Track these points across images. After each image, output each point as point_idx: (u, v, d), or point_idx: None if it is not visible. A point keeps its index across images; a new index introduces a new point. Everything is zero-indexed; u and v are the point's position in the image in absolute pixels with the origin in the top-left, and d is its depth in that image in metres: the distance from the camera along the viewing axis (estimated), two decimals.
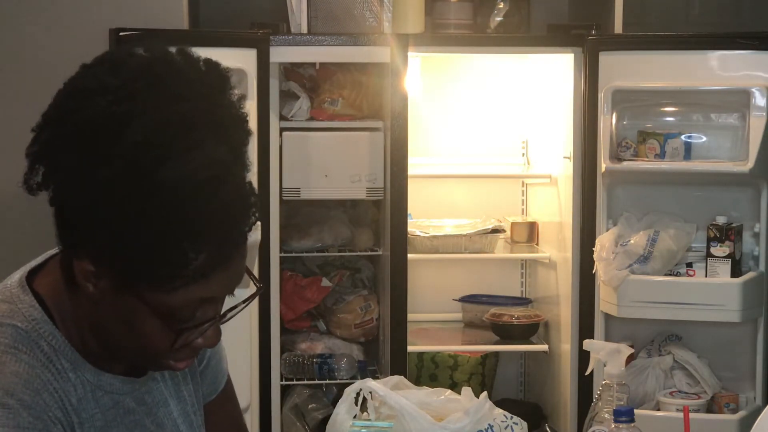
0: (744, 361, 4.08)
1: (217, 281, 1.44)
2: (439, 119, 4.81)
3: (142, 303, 1.42)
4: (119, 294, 1.44)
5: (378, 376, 4.26)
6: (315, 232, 4.42)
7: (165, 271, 1.40)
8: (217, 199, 1.39)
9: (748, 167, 3.87)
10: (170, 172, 1.37)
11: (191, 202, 1.37)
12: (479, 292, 4.85)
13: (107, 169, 1.37)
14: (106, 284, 1.44)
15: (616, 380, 2.17)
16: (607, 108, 4.02)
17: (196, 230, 1.39)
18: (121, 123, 1.38)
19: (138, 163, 1.37)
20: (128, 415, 1.58)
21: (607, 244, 4.01)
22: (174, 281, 1.41)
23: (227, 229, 1.42)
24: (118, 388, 1.56)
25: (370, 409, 2.20)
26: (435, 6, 4.36)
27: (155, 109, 1.39)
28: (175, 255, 1.39)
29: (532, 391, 4.87)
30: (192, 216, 1.38)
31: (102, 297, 1.45)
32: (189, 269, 1.40)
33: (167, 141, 1.38)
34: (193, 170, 1.37)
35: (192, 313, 1.46)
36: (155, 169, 1.36)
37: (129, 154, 1.37)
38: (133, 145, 1.37)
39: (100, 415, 1.53)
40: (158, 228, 1.38)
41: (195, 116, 1.41)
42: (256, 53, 3.97)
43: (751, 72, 3.98)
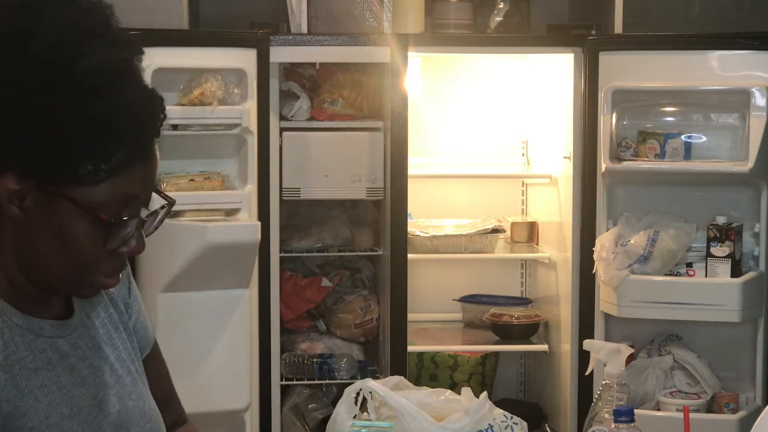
0: (744, 361, 4.08)
1: (138, 176, 1.53)
2: (439, 119, 4.81)
3: (71, 203, 1.49)
4: (47, 205, 1.50)
5: (378, 376, 4.26)
6: (315, 232, 4.42)
7: (89, 164, 1.48)
8: (127, 90, 1.51)
9: (748, 167, 3.87)
10: (82, 67, 1.47)
11: (106, 92, 1.48)
12: (479, 292, 4.85)
13: (22, 73, 1.46)
14: (32, 201, 1.50)
15: (616, 380, 2.17)
16: (607, 108, 4.02)
17: (114, 120, 1.48)
18: (30, 30, 1.48)
19: (51, 62, 1.46)
20: (64, 358, 1.60)
21: (607, 244, 4.01)
22: (98, 173, 1.49)
23: (142, 120, 1.53)
24: (49, 332, 1.59)
25: (370, 409, 2.20)
26: (435, 6, 4.36)
27: (61, 16, 1.50)
28: (97, 146, 1.48)
29: (532, 391, 4.87)
30: (108, 106, 1.48)
31: (29, 217, 1.50)
32: (112, 160, 1.49)
33: (74, 43, 1.48)
34: (103, 63, 1.49)
35: (118, 211, 1.53)
36: (68, 66, 1.46)
37: (41, 55, 1.46)
38: (44, 47, 1.46)
39: (31, 357, 1.56)
40: (78, 121, 1.46)
41: (95, 26, 1.52)
42: (256, 53, 3.97)
43: (751, 72, 3.98)
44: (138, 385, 1.72)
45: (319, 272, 4.56)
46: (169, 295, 3.83)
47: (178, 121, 3.87)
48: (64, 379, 1.60)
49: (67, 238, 1.52)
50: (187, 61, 3.92)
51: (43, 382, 1.56)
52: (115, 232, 1.53)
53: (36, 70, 1.47)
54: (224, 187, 4.03)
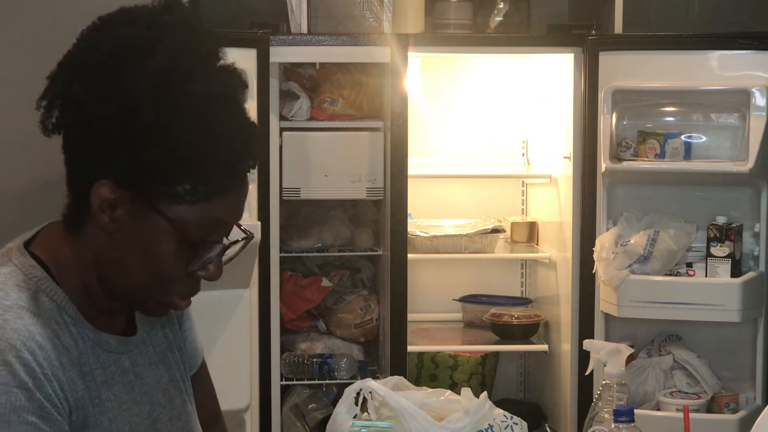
0: (744, 361, 4.08)
1: (230, 203, 1.56)
2: (439, 119, 4.81)
3: (163, 218, 1.51)
4: (138, 217, 1.52)
5: (378, 376, 4.26)
6: (315, 232, 4.42)
7: (188, 183, 1.50)
8: (233, 117, 1.54)
9: (748, 167, 3.87)
10: (194, 89, 1.50)
11: (214, 117, 1.51)
12: (479, 292, 4.85)
13: (136, 84, 1.49)
14: (124, 211, 1.52)
15: (616, 380, 2.17)
16: (607, 108, 4.02)
17: (217, 144, 1.51)
18: (152, 46, 1.51)
19: (165, 79, 1.49)
20: (125, 374, 1.62)
21: (607, 244, 4.01)
22: (195, 194, 1.51)
23: (241, 147, 1.55)
24: (114, 347, 1.61)
25: (371, 409, 2.20)
26: (435, 6, 4.36)
27: (181, 38, 1.54)
28: (198, 167, 1.50)
29: (532, 391, 4.87)
30: (213, 130, 1.51)
31: (117, 227, 1.53)
32: (210, 184, 1.52)
33: (190, 65, 1.52)
34: (213, 89, 1.52)
35: (205, 235, 1.55)
36: (181, 85, 1.50)
37: (158, 71, 1.50)
38: (161, 64, 1.50)
39: (100, 371, 1.58)
40: (184, 140, 1.49)
41: (209, 53, 1.57)
42: (256, 53, 3.97)
43: (751, 72, 3.98)
44: (187, 405, 1.74)
45: (319, 272, 4.56)
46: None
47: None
48: (124, 396, 1.61)
49: (151, 253, 1.54)
50: None
51: (107, 397, 1.58)
52: (198, 254, 1.56)
53: (151, 84, 1.49)
54: None
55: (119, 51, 1.51)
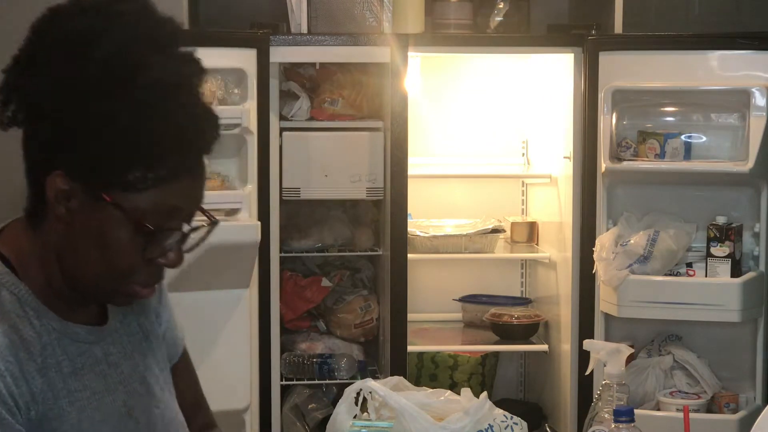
0: (744, 361, 4.08)
1: (183, 189, 1.55)
2: (439, 119, 4.81)
3: (115, 208, 1.51)
4: (91, 208, 1.52)
5: (378, 376, 4.26)
6: (315, 232, 4.42)
7: (137, 171, 1.50)
8: (184, 103, 1.53)
9: (748, 167, 3.87)
10: (143, 78, 1.50)
11: (162, 105, 1.50)
12: (479, 292, 4.85)
13: (84, 75, 1.49)
14: (78, 202, 1.52)
15: (616, 380, 2.17)
16: (607, 108, 4.02)
17: (166, 131, 1.51)
18: (99, 35, 1.51)
19: (113, 69, 1.49)
20: (97, 364, 1.62)
21: (607, 244, 4.01)
22: (146, 181, 1.50)
23: (194, 133, 1.54)
24: (84, 337, 1.61)
25: (371, 410, 2.20)
26: (435, 6, 4.36)
27: (132, 26, 1.53)
28: (145, 155, 1.50)
29: (532, 391, 4.87)
30: (163, 117, 1.50)
31: (73, 217, 1.52)
32: (159, 170, 1.51)
33: (139, 54, 1.51)
34: (163, 77, 1.52)
35: (161, 222, 1.54)
36: (129, 75, 1.49)
37: (105, 61, 1.49)
38: (109, 54, 1.50)
39: (67, 362, 1.57)
40: (130, 129, 1.49)
41: (163, 40, 1.56)
42: (256, 53, 3.97)
43: (751, 72, 3.98)
44: (165, 393, 1.74)
45: (319, 272, 4.56)
46: (168, 295, 3.82)
47: None
48: (96, 385, 1.61)
49: (107, 243, 1.53)
50: None
51: (76, 387, 1.58)
52: (155, 241, 1.55)
53: (98, 74, 1.49)
54: (224, 187, 4.02)
55: (67, 42, 1.51)
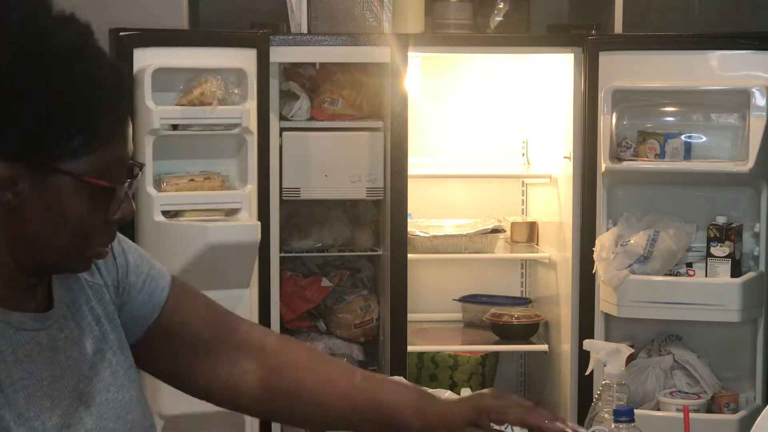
0: (744, 361, 4.08)
1: (122, 140, 1.56)
2: (439, 119, 4.81)
3: (69, 177, 1.51)
4: (43, 184, 1.51)
5: None
6: (315, 232, 4.42)
7: (80, 135, 1.51)
8: (98, 60, 1.54)
9: (748, 167, 3.87)
10: (53, 44, 1.50)
11: (81, 66, 1.51)
12: (479, 292, 4.85)
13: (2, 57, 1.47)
14: (26, 184, 1.51)
15: (616, 380, 2.17)
16: (607, 108, 4.02)
17: (93, 89, 1.51)
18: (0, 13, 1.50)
19: (24, 42, 1.49)
20: (43, 351, 1.60)
21: (607, 244, 4.01)
22: (91, 144, 1.51)
23: (116, 85, 1.56)
24: (30, 325, 1.59)
25: None
26: (435, 6, 4.36)
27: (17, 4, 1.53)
28: (84, 118, 1.51)
29: (532, 391, 4.86)
30: (87, 78, 1.51)
31: (23, 200, 1.51)
32: (100, 128, 1.52)
33: (42, 22, 1.51)
34: (71, 39, 1.52)
35: (111, 178, 1.55)
36: (41, 44, 1.49)
37: (15, 36, 1.48)
38: (15, 29, 1.49)
39: (9, 351, 1.55)
40: (62, 97, 1.49)
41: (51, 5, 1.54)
42: (256, 53, 3.97)
43: (751, 72, 3.98)
44: (119, 377, 1.71)
45: (319, 272, 4.56)
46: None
47: (178, 121, 3.86)
48: (44, 372, 1.60)
49: (66, 213, 1.53)
50: (187, 61, 3.92)
51: (22, 375, 1.56)
52: (113, 197, 1.56)
53: (11, 51, 1.48)
54: (224, 187, 4.02)
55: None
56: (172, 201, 3.89)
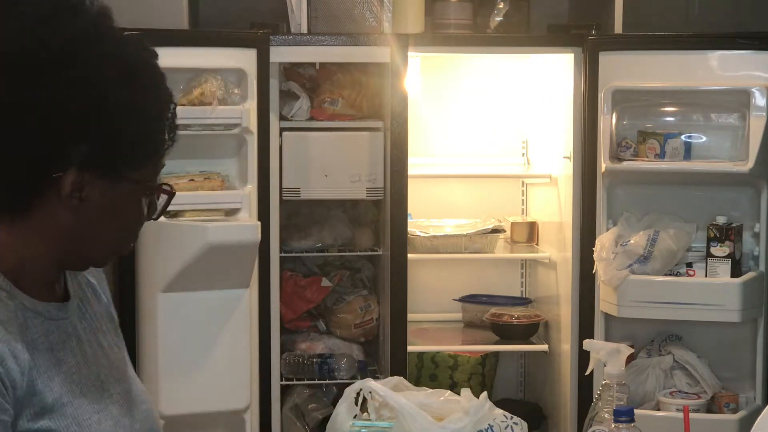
0: (744, 361, 4.08)
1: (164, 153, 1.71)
2: (439, 119, 4.81)
3: (130, 183, 1.63)
4: (107, 189, 1.61)
5: (378, 376, 4.26)
6: (315, 232, 4.42)
7: (146, 147, 1.65)
8: (158, 82, 1.69)
9: (748, 167, 3.87)
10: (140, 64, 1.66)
11: (149, 83, 1.66)
12: (479, 292, 4.85)
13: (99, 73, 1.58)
14: (92, 189, 1.60)
15: (616, 380, 2.17)
16: (607, 108, 4.02)
17: (157, 109, 1.66)
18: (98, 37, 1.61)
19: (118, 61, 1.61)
20: (69, 339, 1.66)
21: (607, 244, 4.01)
22: (153, 154, 1.66)
23: (171, 98, 1.71)
24: (55, 314, 1.65)
25: (371, 410, 2.20)
26: (435, 6, 4.36)
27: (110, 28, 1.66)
28: (151, 132, 1.65)
29: (532, 391, 4.87)
30: (154, 98, 1.66)
31: (87, 204, 1.60)
32: (159, 142, 1.67)
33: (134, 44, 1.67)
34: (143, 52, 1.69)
35: (158, 183, 1.71)
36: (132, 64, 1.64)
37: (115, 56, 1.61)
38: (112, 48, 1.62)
39: (42, 338, 1.61)
40: (141, 113, 1.62)
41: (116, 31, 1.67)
42: (256, 53, 3.97)
43: (751, 72, 3.98)
44: (128, 369, 1.78)
45: (319, 272, 4.56)
46: (169, 295, 3.83)
47: (178, 121, 3.85)
48: (72, 360, 1.65)
49: (123, 214, 1.65)
50: (187, 61, 3.92)
51: (54, 363, 1.61)
52: (154, 201, 1.71)
53: (114, 70, 1.59)
54: (224, 187, 4.03)
55: (73, 44, 1.57)
56: (172, 201, 3.88)
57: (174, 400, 3.85)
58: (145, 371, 3.87)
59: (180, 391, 3.86)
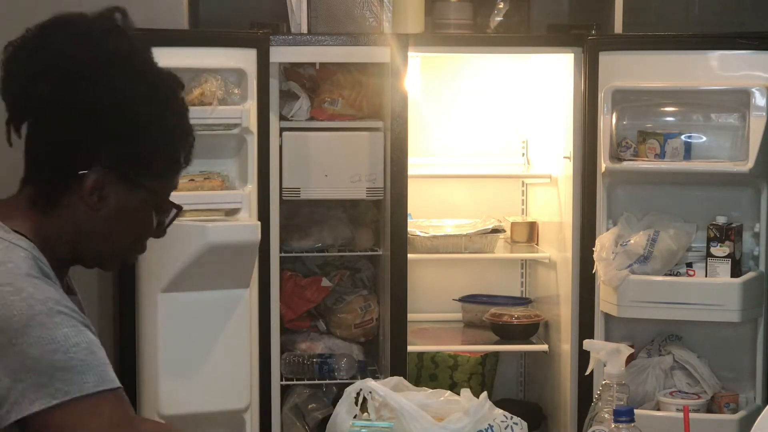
0: (744, 361, 4.08)
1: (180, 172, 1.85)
2: (439, 119, 4.81)
3: (146, 191, 1.77)
4: (125, 192, 1.75)
5: (378, 376, 4.26)
6: (315, 232, 4.42)
7: (167, 161, 1.79)
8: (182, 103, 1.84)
9: (748, 167, 3.87)
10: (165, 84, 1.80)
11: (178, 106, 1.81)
12: (479, 292, 4.85)
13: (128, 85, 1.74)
14: (112, 190, 1.74)
15: (616, 380, 2.17)
16: (607, 108, 4.02)
17: (182, 128, 1.81)
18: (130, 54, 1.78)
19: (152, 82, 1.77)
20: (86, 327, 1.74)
21: (607, 244, 4.01)
22: (171, 170, 1.81)
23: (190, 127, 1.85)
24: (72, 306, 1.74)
25: (371, 410, 2.20)
26: (435, 6, 4.36)
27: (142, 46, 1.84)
28: (174, 148, 1.80)
29: (532, 391, 4.87)
30: (179, 116, 1.80)
31: (105, 203, 1.74)
32: (178, 161, 1.81)
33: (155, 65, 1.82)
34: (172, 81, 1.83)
35: (167, 198, 1.83)
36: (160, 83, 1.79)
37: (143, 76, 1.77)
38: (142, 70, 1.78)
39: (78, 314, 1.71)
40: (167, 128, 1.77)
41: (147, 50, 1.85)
42: (256, 53, 3.97)
43: (751, 72, 3.98)
44: None
45: (319, 272, 4.56)
46: (169, 295, 3.83)
47: None
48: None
49: (134, 221, 1.78)
50: (187, 61, 3.91)
51: None
52: (162, 217, 1.82)
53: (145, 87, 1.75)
54: (224, 187, 4.03)
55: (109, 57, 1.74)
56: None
57: (174, 400, 3.85)
58: (145, 371, 3.87)
59: (180, 391, 3.86)
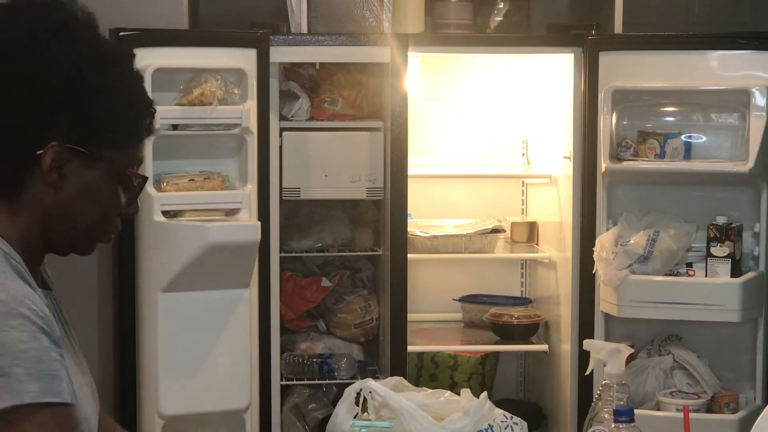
0: (744, 361, 4.08)
1: (142, 144, 1.81)
2: (439, 119, 4.81)
3: (106, 163, 1.73)
4: (85, 167, 1.71)
5: (378, 376, 4.26)
6: (315, 232, 4.42)
7: (123, 129, 1.74)
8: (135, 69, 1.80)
9: (748, 167, 3.87)
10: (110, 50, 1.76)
11: (128, 70, 1.78)
12: (479, 292, 4.85)
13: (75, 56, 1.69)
14: (71, 166, 1.70)
15: (616, 380, 2.17)
16: (607, 108, 4.02)
17: (139, 96, 1.77)
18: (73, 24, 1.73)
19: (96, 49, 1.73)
20: (58, 323, 1.72)
21: (607, 244, 4.01)
22: (129, 138, 1.76)
23: (148, 96, 1.81)
24: (47, 303, 1.72)
25: (371, 410, 2.20)
26: (435, 6, 4.36)
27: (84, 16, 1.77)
28: (131, 115, 1.75)
29: (532, 391, 4.87)
30: (133, 81, 1.77)
31: (66, 181, 1.70)
32: (138, 128, 1.77)
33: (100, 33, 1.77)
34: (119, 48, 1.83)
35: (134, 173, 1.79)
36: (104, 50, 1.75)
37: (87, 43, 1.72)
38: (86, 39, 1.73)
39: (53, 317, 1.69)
40: (119, 94, 1.73)
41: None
42: (256, 53, 3.97)
43: (751, 72, 3.98)
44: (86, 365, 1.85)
45: (319, 272, 4.56)
46: (169, 295, 3.83)
47: (178, 121, 3.86)
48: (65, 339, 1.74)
49: (98, 197, 1.74)
50: (187, 61, 3.92)
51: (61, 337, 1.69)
52: (129, 191, 1.77)
53: (89, 55, 1.70)
54: (224, 187, 4.02)
55: (48, 27, 1.70)
56: (172, 201, 3.89)
57: (174, 400, 3.85)
58: (145, 371, 3.87)
59: (180, 391, 3.86)
